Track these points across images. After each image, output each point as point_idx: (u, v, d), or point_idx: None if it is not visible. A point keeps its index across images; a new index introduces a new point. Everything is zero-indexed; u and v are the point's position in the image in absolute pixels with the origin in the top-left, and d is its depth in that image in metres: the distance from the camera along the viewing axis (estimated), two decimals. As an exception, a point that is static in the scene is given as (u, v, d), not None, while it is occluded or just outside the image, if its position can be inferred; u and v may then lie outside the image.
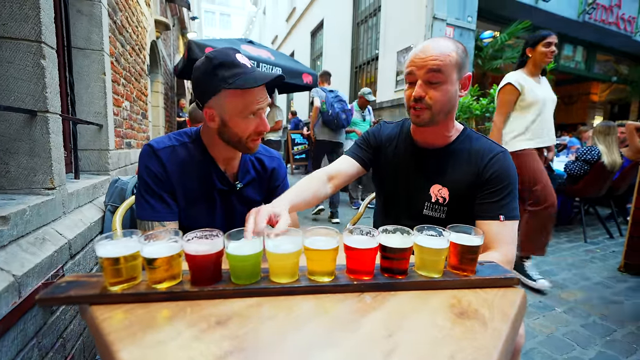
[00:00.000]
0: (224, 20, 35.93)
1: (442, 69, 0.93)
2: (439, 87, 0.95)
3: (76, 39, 1.83)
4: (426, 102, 0.97)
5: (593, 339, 1.74)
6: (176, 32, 8.04)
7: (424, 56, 0.95)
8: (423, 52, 0.95)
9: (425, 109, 0.97)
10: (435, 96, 0.96)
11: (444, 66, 0.93)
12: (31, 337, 0.94)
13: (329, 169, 1.16)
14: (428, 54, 0.94)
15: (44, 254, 1.03)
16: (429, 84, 0.96)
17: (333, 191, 1.15)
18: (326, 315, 0.57)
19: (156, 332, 0.50)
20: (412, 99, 0.98)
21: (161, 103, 5.30)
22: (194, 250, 0.60)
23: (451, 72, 0.95)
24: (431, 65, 0.93)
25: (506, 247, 0.94)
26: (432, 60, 0.93)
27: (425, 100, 0.97)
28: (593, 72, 8.80)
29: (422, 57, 0.95)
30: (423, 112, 0.98)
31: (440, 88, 0.95)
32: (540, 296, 2.21)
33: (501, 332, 0.53)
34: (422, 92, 0.96)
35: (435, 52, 0.94)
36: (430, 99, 0.96)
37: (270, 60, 5.05)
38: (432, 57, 0.93)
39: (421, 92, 0.96)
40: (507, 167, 1.01)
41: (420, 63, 0.95)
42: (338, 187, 1.16)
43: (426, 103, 0.97)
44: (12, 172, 1.15)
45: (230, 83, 0.90)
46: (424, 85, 0.96)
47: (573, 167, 3.52)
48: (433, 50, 0.94)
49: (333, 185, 1.14)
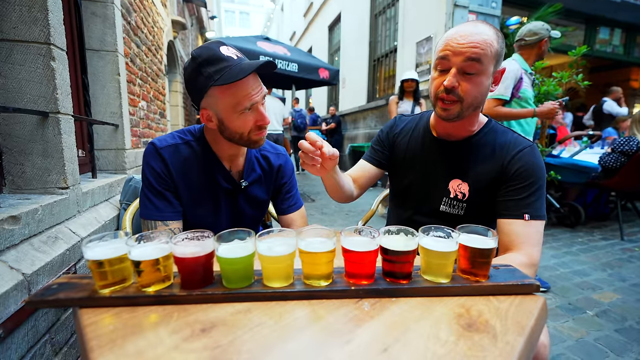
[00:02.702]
0: (243, 18, 36.31)
1: (482, 59, 0.83)
2: (475, 78, 0.85)
3: (90, 40, 1.88)
4: (457, 94, 0.87)
5: (629, 345, 1.60)
6: (195, 32, 8.18)
7: (463, 42, 0.83)
8: (462, 37, 0.83)
9: (456, 102, 0.88)
10: (468, 89, 0.86)
11: (484, 56, 0.83)
12: (43, 334, 0.97)
13: (350, 172, 1.15)
14: (468, 40, 0.83)
15: (56, 253, 1.05)
16: (463, 73, 0.85)
17: (358, 194, 1.14)
18: (318, 324, 0.52)
19: (138, 339, 0.48)
20: (441, 88, 0.88)
21: (180, 102, 5.41)
22: (182, 253, 0.58)
23: (489, 64, 0.85)
24: (470, 54, 0.82)
25: (530, 249, 0.85)
26: (472, 48, 0.82)
27: (457, 92, 0.86)
28: (633, 56, 8.13)
29: (460, 42, 0.83)
30: (452, 105, 0.89)
31: (476, 80, 0.85)
32: (569, 298, 2.07)
33: (514, 348, 0.47)
34: (456, 82, 0.85)
35: (476, 38, 0.82)
36: (462, 91, 0.86)
37: (286, 56, 5.04)
38: (473, 44, 0.82)
39: (454, 82, 0.85)
40: (534, 163, 0.92)
41: (458, 49, 0.83)
42: (361, 189, 1.15)
43: (457, 95, 0.87)
44: (27, 173, 1.19)
45: (217, 79, 0.85)
46: (458, 75, 0.85)
47: (608, 160, 3.28)
48: (474, 36, 0.83)
49: (357, 187, 1.13)
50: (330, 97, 10.92)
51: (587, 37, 6.90)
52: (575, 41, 6.67)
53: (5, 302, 0.79)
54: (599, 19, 6.90)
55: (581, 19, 6.75)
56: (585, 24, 6.87)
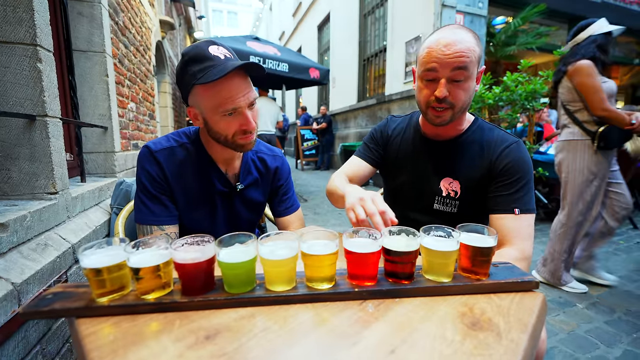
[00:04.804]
0: (231, 18, 35.96)
1: (469, 66, 0.85)
2: (463, 84, 0.87)
3: (77, 41, 1.83)
4: (449, 101, 0.89)
5: (619, 337, 1.65)
6: (183, 32, 8.07)
7: (449, 52, 0.84)
8: (447, 47, 0.84)
9: (447, 109, 0.90)
10: (458, 95, 0.88)
11: (470, 63, 0.85)
12: (34, 344, 0.94)
13: (346, 171, 1.14)
14: (453, 50, 0.84)
15: (46, 260, 1.02)
16: (452, 82, 0.87)
17: None
18: (324, 327, 0.52)
19: (140, 348, 0.47)
20: (432, 98, 0.90)
21: (169, 103, 5.33)
22: (183, 259, 0.57)
23: (474, 68, 0.88)
24: (458, 63, 0.84)
25: (522, 243, 0.87)
26: (459, 57, 0.84)
27: (449, 100, 0.89)
28: (613, 54, 8.38)
29: (446, 53, 0.84)
30: (445, 113, 0.91)
31: (464, 86, 0.88)
32: (559, 292, 2.11)
33: (519, 345, 0.48)
34: (447, 92, 0.87)
35: (460, 47, 0.84)
36: (453, 98, 0.88)
37: (277, 56, 5.00)
38: (459, 54, 0.84)
39: (446, 92, 0.87)
40: (521, 158, 0.94)
41: (444, 60, 0.85)
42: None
43: (449, 102, 0.89)
44: (14, 178, 1.15)
45: (199, 78, 0.84)
46: (447, 84, 0.87)
47: (593, 156, 3.36)
48: (457, 45, 0.84)
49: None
50: (320, 96, 10.92)
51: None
52: (559, 40, 6.84)
53: (-5, 313, 0.76)
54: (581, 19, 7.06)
55: (564, 19, 6.92)
56: (569, 24, 7.05)
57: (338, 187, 1.00)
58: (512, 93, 3.38)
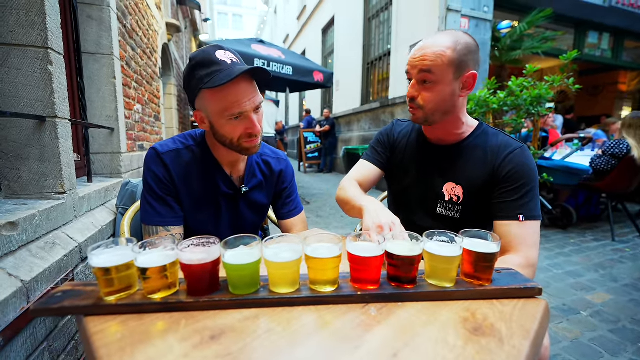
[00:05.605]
0: (236, 21, 36.22)
1: (433, 70, 0.89)
2: (432, 87, 0.92)
3: (86, 43, 1.86)
4: (418, 102, 0.95)
5: (623, 345, 1.64)
6: (188, 35, 8.15)
7: (417, 55, 0.92)
8: (418, 51, 0.93)
9: (418, 109, 0.96)
10: (427, 97, 0.93)
11: (435, 67, 0.89)
12: (41, 341, 0.95)
13: (356, 176, 1.15)
14: (420, 54, 0.91)
15: (54, 259, 1.04)
16: (422, 83, 0.93)
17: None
18: (327, 330, 0.53)
19: (147, 347, 0.48)
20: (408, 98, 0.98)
21: (174, 105, 5.37)
22: (189, 259, 0.58)
23: (445, 72, 0.89)
24: (421, 66, 0.90)
25: (527, 250, 0.87)
26: (422, 60, 0.90)
27: (417, 101, 0.95)
28: (621, 60, 8.32)
29: (415, 56, 0.93)
30: (417, 112, 0.97)
31: (433, 89, 0.92)
32: (563, 299, 2.10)
33: (521, 351, 0.48)
34: (415, 92, 0.95)
35: (427, 51, 0.90)
36: (422, 99, 0.94)
37: (281, 59, 5.04)
38: (423, 57, 0.90)
39: (413, 92, 0.95)
40: (525, 164, 0.94)
41: (413, 62, 0.93)
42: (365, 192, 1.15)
43: (417, 104, 0.95)
44: (24, 178, 1.17)
45: (206, 82, 0.85)
46: (417, 85, 0.94)
47: (599, 162, 3.34)
48: (426, 49, 0.91)
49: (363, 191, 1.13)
50: (324, 99, 10.95)
51: (577, 41, 7.05)
52: (565, 45, 6.81)
53: (5, 310, 0.78)
54: (587, 23, 7.06)
55: (571, 24, 6.89)
56: (575, 29, 7.02)
57: (353, 198, 1.00)
58: (517, 98, 3.37)
